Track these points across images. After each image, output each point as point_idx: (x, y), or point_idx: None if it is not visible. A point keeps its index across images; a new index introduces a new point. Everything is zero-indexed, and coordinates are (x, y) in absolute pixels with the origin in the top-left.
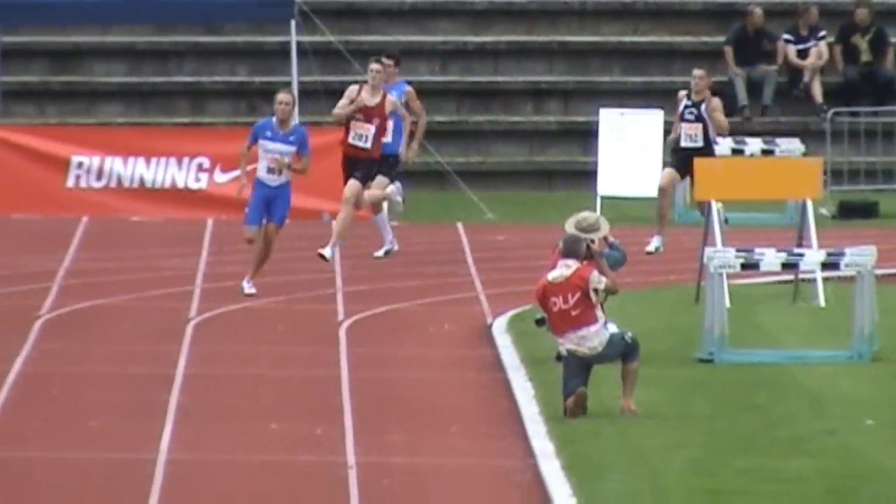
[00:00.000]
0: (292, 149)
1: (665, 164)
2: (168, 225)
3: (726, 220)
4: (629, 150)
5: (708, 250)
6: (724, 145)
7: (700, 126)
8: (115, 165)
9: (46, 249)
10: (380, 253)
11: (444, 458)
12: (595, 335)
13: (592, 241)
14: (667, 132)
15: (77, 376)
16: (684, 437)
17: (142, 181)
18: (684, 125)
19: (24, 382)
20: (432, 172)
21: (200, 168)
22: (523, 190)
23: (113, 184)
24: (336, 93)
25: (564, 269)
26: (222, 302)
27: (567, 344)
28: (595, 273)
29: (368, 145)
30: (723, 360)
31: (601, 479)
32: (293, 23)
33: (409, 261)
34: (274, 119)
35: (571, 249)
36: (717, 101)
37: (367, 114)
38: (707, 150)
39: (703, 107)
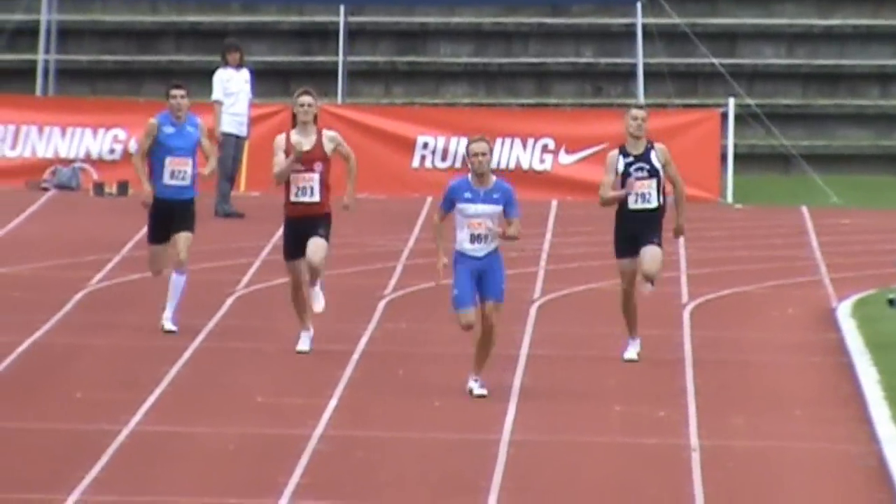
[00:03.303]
0: (498, 208)
1: (618, 252)
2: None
3: None
4: None
5: None
6: None
7: (654, 181)
8: (461, 146)
9: (392, 229)
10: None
11: (787, 441)
12: None
13: None
14: None
15: (420, 356)
16: None
17: None
18: (636, 183)
19: (367, 362)
20: (777, 156)
21: (545, 149)
22: (869, 174)
23: (458, 164)
24: (681, 76)
25: None
26: (566, 283)
27: None
28: None
29: (316, 198)
30: None
31: None
32: (639, 4)
33: (753, 244)
34: (469, 176)
35: None
36: (665, 147)
37: (306, 160)
38: (660, 210)
39: (652, 155)
